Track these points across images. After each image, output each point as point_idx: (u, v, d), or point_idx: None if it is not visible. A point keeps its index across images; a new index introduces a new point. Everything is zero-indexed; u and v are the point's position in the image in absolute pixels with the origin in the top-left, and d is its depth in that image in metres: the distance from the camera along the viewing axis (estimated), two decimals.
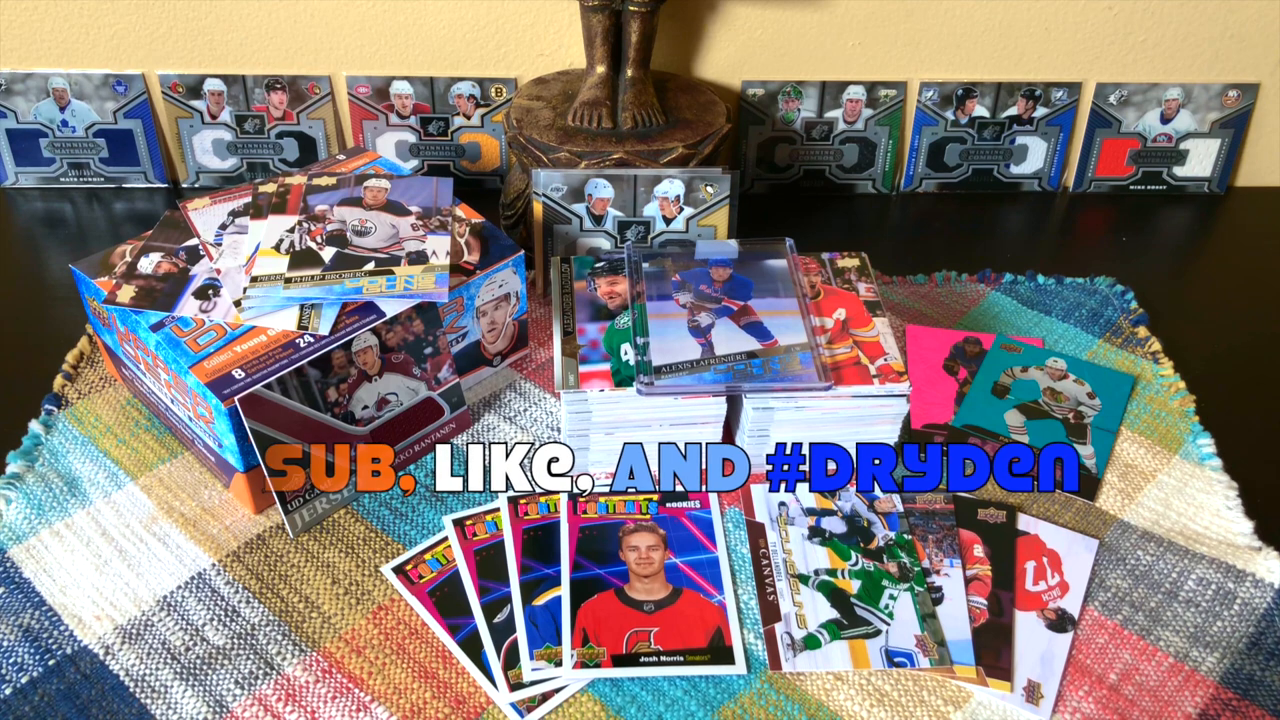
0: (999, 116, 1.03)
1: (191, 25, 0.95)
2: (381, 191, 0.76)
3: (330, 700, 0.59)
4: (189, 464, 0.72)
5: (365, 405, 0.68)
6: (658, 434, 0.71)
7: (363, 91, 0.99)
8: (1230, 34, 1.00)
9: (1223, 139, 1.05)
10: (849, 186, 1.06)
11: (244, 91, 0.98)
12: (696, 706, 0.59)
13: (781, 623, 0.63)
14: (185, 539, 0.67)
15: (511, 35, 0.98)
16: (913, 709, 0.59)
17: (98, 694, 0.59)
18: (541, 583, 0.65)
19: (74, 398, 0.77)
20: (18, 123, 0.98)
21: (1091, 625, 0.64)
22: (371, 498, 0.70)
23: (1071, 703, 0.60)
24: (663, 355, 0.69)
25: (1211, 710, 0.59)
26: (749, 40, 0.99)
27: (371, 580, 0.65)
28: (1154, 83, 1.02)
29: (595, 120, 0.87)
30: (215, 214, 0.75)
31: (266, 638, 0.62)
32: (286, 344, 0.65)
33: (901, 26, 0.99)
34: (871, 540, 0.68)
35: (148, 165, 1.01)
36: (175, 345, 0.65)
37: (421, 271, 0.69)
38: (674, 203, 0.83)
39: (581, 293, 0.75)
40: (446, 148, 1.02)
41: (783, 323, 0.72)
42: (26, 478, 0.71)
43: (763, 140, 1.03)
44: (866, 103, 1.02)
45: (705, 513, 0.70)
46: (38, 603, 0.63)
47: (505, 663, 0.60)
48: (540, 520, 0.69)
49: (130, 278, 0.69)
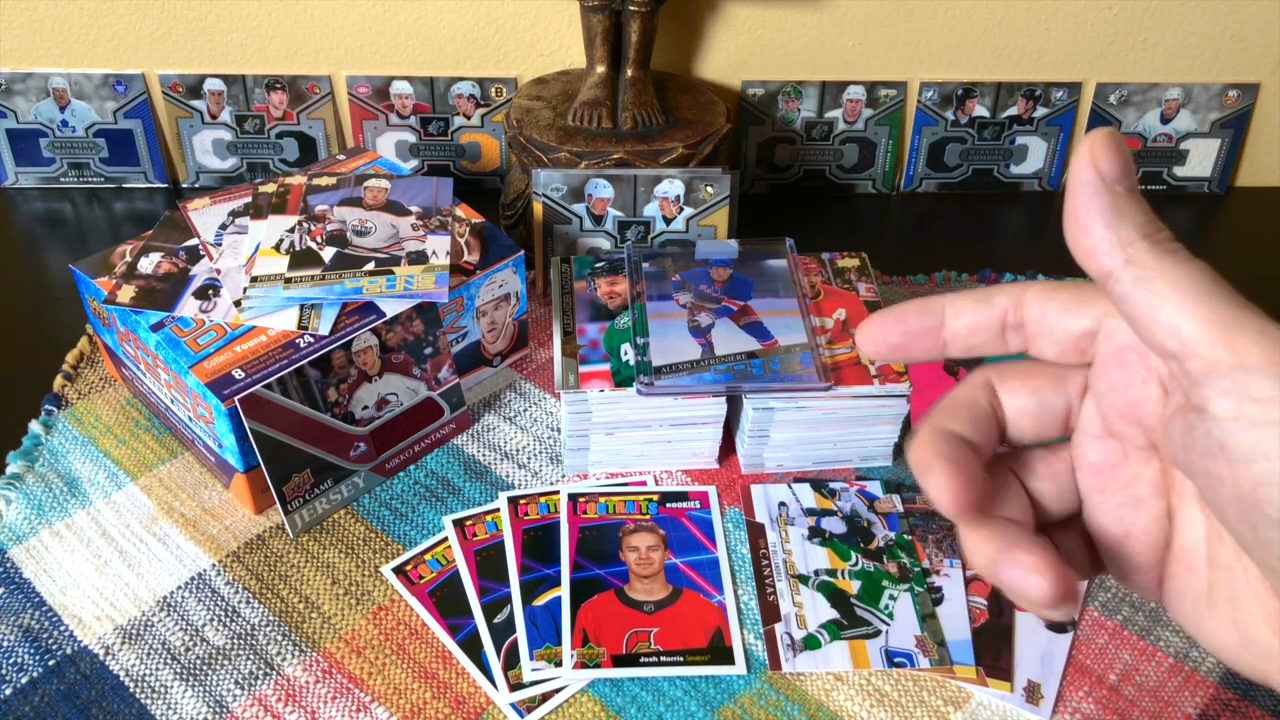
0: (999, 116, 1.03)
1: (191, 25, 0.95)
2: (381, 191, 0.76)
3: (330, 700, 0.59)
4: (189, 464, 0.72)
5: (365, 405, 0.68)
6: (658, 434, 0.71)
7: (363, 91, 0.99)
8: (1230, 34, 1.00)
9: (1223, 139, 1.05)
10: (849, 186, 1.06)
11: (244, 91, 0.98)
12: (696, 706, 0.59)
13: (781, 623, 0.63)
14: (185, 539, 0.67)
15: (511, 35, 0.98)
16: (913, 709, 0.59)
17: (98, 694, 0.59)
18: (541, 583, 0.65)
19: (74, 398, 0.77)
20: (18, 123, 0.98)
21: (1091, 625, 0.64)
22: (371, 497, 0.70)
23: (1071, 703, 0.60)
24: (663, 355, 0.69)
25: (1211, 710, 0.59)
26: (749, 40, 0.99)
27: (371, 580, 0.65)
28: (1154, 83, 1.02)
29: (595, 120, 0.87)
30: (215, 214, 0.75)
31: (266, 638, 0.62)
32: (286, 344, 0.65)
33: (901, 26, 0.99)
34: (871, 540, 0.68)
35: (148, 165, 1.01)
36: (175, 345, 0.65)
37: (421, 271, 0.69)
38: (674, 203, 0.83)
39: (581, 293, 0.75)
40: (446, 148, 1.02)
41: (783, 323, 0.72)
42: (26, 478, 0.71)
43: (763, 140, 1.03)
44: (866, 103, 1.02)
45: (705, 513, 0.70)
46: (38, 603, 0.63)
47: (505, 663, 0.61)
48: (540, 520, 0.69)
49: (130, 278, 0.69)
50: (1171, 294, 0.25)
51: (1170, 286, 0.25)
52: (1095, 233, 0.26)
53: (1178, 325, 0.25)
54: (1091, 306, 0.29)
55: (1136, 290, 0.25)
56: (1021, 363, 0.31)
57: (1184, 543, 0.29)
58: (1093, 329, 0.29)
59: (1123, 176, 0.26)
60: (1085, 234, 0.26)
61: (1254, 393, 0.23)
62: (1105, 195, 0.26)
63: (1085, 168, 0.26)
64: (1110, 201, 0.26)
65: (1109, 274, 0.26)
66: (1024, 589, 0.27)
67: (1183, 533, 0.29)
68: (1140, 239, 0.25)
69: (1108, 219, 0.26)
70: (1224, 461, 0.24)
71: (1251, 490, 0.24)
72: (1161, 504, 0.29)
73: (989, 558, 0.28)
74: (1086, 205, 0.26)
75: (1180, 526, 0.29)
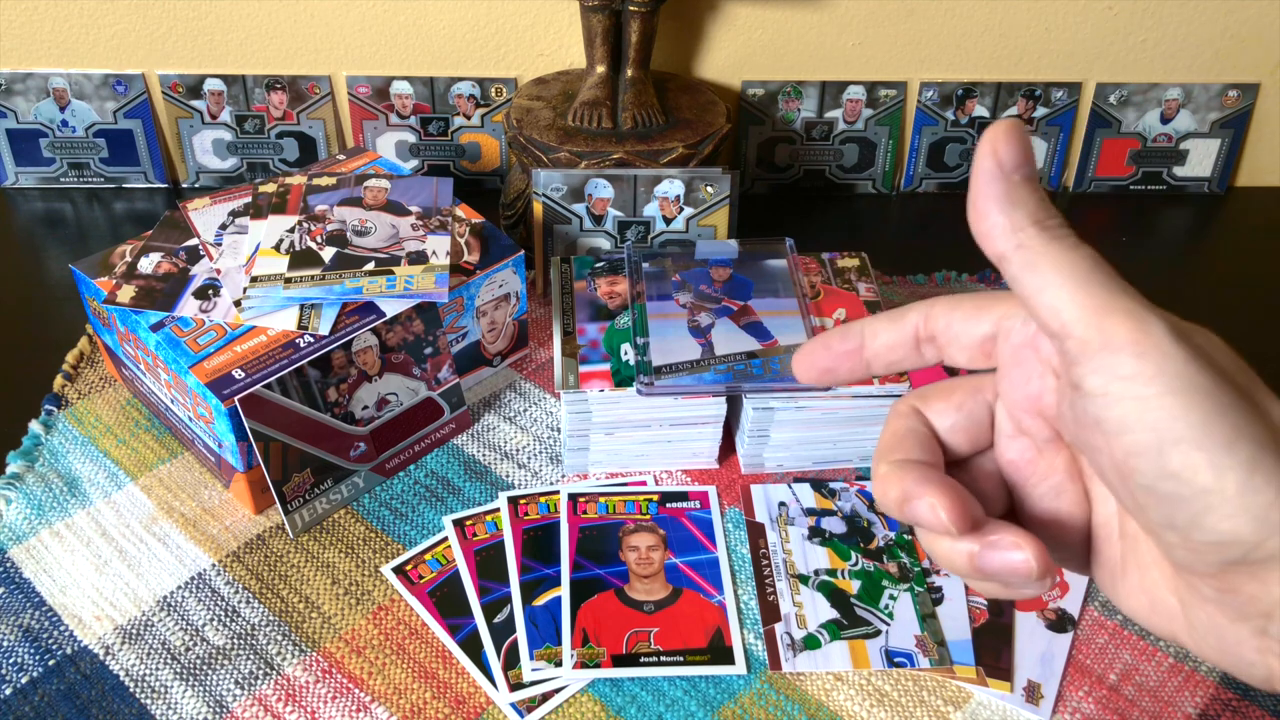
0: (999, 116, 1.03)
1: (191, 25, 0.95)
2: (381, 191, 0.76)
3: (330, 700, 0.59)
4: (189, 464, 0.72)
5: (365, 405, 0.68)
6: (658, 434, 0.71)
7: (363, 91, 0.99)
8: (1230, 34, 1.00)
9: (1223, 139, 1.05)
10: (849, 186, 1.06)
11: (244, 91, 0.98)
12: (696, 706, 0.59)
13: (781, 623, 0.63)
14: (185, 539, 0.67)
15: (511, 35, 0.98)
16: (913, 709, 0.59)
17: (98, 694, 0.59)
18: (541, 583, 0.65)
19: (74, 398, 0.77)
20: (18, 123, 0.98)
21: (1091, 625, 0.64)
22: (371, 497, 0.70)
23: (1071, 703, 0.60)
24: (663, 355, 0.69)
25: (1211, 710, 0.59)
26: (749, 40, 0.99)
27: (371, 580, 0.65)
28: (1154, 83, 1.02)
29: (595, 120, 0.87)
30: (215, 214, 0.75)
31: (266, 638, 0.62)
32: (286, 344, 0.65)
33: (901, 26, 0.99)
34: (871, 540, 0.68)
35: (148, 165, 1.01)
36: (175, 345, 0.65)
37: (421, 271, 0.69)
38: (674, 203, 0.83)
39: (581, 293, 0.75)
40: (446, 148, 1.02)
41: (783, 323, 0.72)
42: (26, 478, 0.71)
43: (763, 140, 1.03)
44: (866, 103, 1.02)
45: (705, 513, 0.70)
46: (38, 603, 0.63)
47: (505, 663, 0.61)
48: (540, 520, 0.69)
49: (130, 278, 0.69)
50: (1054, 277, 0.26)
51: (1054, 270, 0.26)
52: (991, 218, 0.27)
53: (1058, 307, 0.26)
54: (990, 311, 0.31)
55: (1024, 273, 0.27)
56: (939, 383, 0.33)
57: (1099, 519, 0.31)
58: (993, 332, 0.31)
59: (1020, 165, 0.27)
60: (982, 218, 0.27)
61: (1119, 370, 0.25)
62: (1002, 183, 0.27)
63: (985, 156, 0.27)
64: (1006, 189, 0.27)
65: (1002, 256, 0.27)
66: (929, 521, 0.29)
67: (1097, 510, 0.31)
68: (1031, 224, 0.27)
69: (1003, 205, 0.27)
70: (1100, 434, 0.26)
71: (1124, 460, 0.26)
72: (1078, 487, 0.31)
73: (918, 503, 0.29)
74: (984, 192, 0.27)
75: (1095, 505, 0.31)
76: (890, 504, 0.30)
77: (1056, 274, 0.26)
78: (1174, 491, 0.25)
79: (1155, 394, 0.25)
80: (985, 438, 0.32)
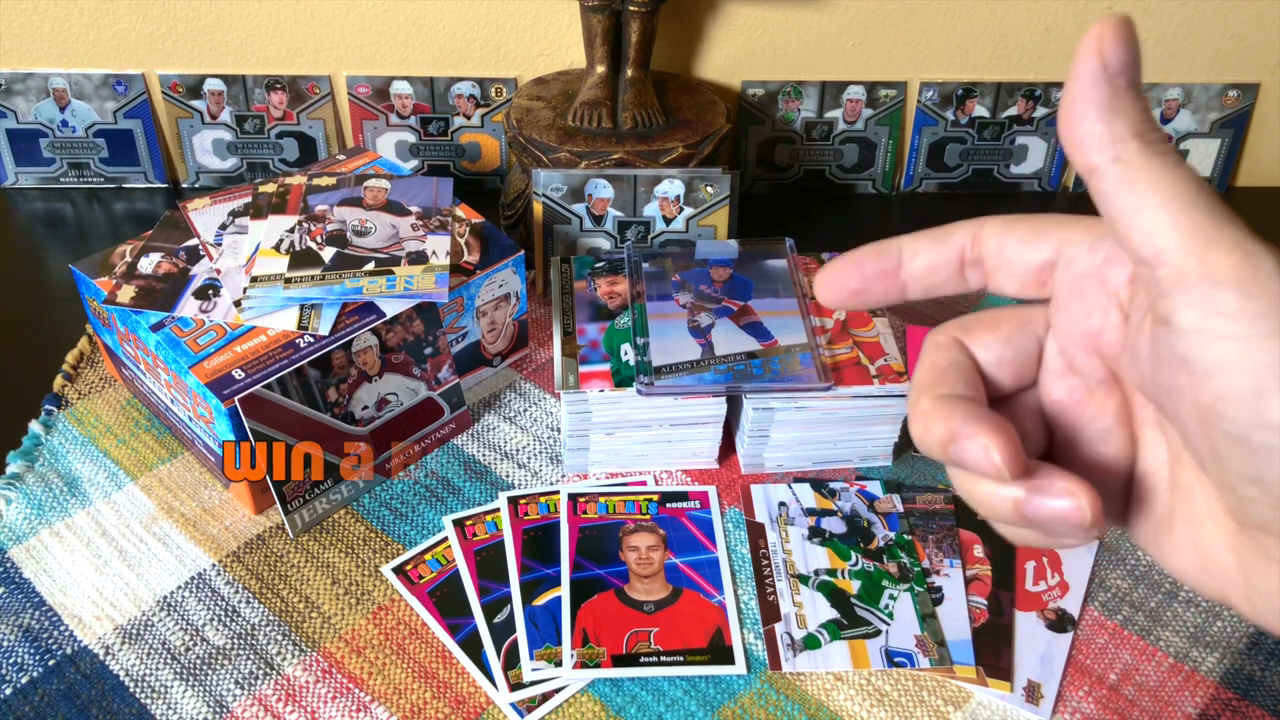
0: (999, 116, 1.03)
1: (191, 25, 0.95)
2: (381, 191, 0.76)
3: (330, 700, 0.59)
4: (189, 464, 0.72)
5: (365, 405, 0.68)
6: (658, 434, 0.71)
7: (363, 91, 0.99)
8: (1230, 34, 1.00)
9: (1223, 139, 1.05)
10: (849, 186, 1.06)
11: (244, 91, 0.98)
12: (696, 706, 0.59)
13: (781, 623, 0.63)
14: (185, 539, 0.67)
15: (511, 35, 0.98)
16: (913, 709, 0.59)
17: (98, 694, 0.59)
18: (541, 583, 0.65)
19: (74, 398, 0.77)
20: (18, 123, 0.98)
21: (1091, 625, 0.64)
22: (371, 497, 0.70)
23: (1071, 703, 0.60)
24: (663, 355, 0.69)
25: (1211, 710, 0.59)
26: (749, 40, 0.99)
27: (371, 580, 0.65)
28: (1154, 83, 1.02)
29: (595, 120, 0.87)
30: (215, 214, 0.75)
31: (266, 638, 0.62)
32: (286, 344, 0.65)
33: (901, 26, 0.99)
34: (871, 540, 0.68)
35: (148, 165, 1.01)
36: (175, 345, 0.65)
37: (421, 271, 0.69)
38: (674, 203, 0.83)
39: (581, 293, 0.75)
40: (446, 148, 1.02)
41: (783, 323, 0.72)
42: (26, 478, 0.71)
43: (763, 140, 1.03)
44: (866, 103, 1.02)
45: (705, 513, 0.70)
46: (38, 603, 0.63)
47: (505, 663, 0.61)
48: (540, 520, 0.69)
49: (130, 278, 0.69)
50: (1153, 198, 0.24)
51: (1153, 190, 0.24)
52: (1087, 124, 0.25)
53: (1154, 231, 0.24)
54: (1050, 237, 0.28)
55: (1119, 190, 0.24)
56: (984, 313, 0.30)
57: (1146, 468, 0.29)
58: (1051, 259, 0.28)
59: (1126, 68, 0.24)
60: (1077, 125, 0.25)
61: (1220, 306, 0.23)
62: (1106, 86, 0.24)
63: (1089, 55, 0.24)
64: (1109, 94, 0.24)
65: (1094, 169, 0.25)
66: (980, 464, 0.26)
67: (1144, 458, 0.29)
68: (1132, 136, 0.24)
69: (1102, 112, 0.24)
70: (1186, 375, 0.24)
71: (1212, 404, 0.23)
72: (1126, 433, 0.29)
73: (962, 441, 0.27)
74: (1084, 95, 0.24)
75: (1142, 453, 0.29)
76: (932, 443, 0.27)
77: (1156, 194, 0.24)
78: (1267, 443, 0.23)
79: (1260, 335, 0.22)
80: (1030, 374, 0.30)
